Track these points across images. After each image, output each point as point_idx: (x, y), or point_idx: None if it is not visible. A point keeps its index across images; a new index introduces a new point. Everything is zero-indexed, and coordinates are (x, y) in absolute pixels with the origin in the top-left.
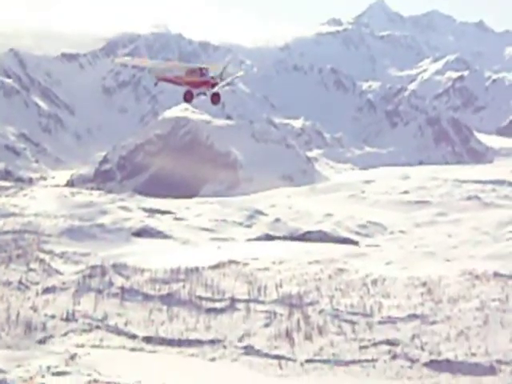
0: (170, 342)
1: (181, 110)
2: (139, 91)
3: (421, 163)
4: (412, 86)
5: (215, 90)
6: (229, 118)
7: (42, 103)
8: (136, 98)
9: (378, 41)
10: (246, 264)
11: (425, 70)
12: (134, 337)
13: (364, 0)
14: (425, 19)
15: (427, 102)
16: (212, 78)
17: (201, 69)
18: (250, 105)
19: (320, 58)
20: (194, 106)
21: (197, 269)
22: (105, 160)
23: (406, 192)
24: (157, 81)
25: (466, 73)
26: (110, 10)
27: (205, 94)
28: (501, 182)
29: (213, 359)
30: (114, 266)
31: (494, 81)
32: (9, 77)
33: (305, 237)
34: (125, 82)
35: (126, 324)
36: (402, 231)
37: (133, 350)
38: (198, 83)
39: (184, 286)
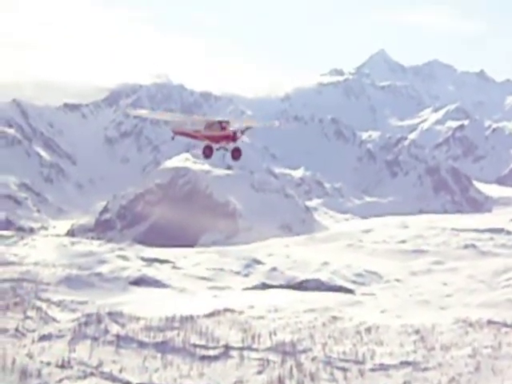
0: None
1: (181, 160)
2: (141, 141)
3: (420, 212)
4: (412, 136)
5: (236, 144)
6: (229, 168)
7: (43, 153)
8: (138, 148)
9: (378, 91)
10: (241, 312)
11: (425, 120)
12: (128, 383)
13: (365, 50)
14: (426, 69)
15: (427, 152)
16: (234, 132)
17: (220, 122)
18: (250, 155)
19: (321, 108)
20: (195, 155)
21: (192, 317)
22: (105, 209)
23: (403, 241)
24: (174, 135)
25: (466, 122)
26: (112, 61)
27: (225, 148)
28: (498, 231)
29: None
30: (110, 313)
31: (494, 130)
32: (11, 126)
33: (301, 285)
34: (127, 133)
35: (120, 371)
36: (397, 280)
37: None
38: (217, 137)
39: (178, 334)
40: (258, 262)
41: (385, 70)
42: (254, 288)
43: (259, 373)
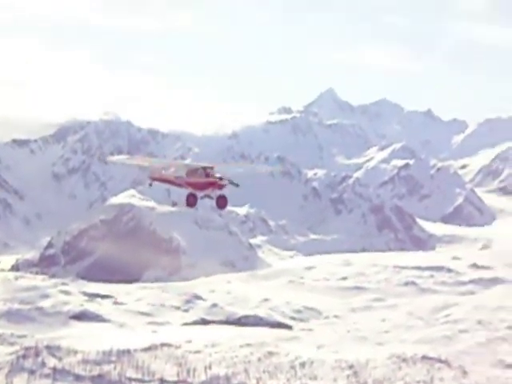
0: None
1: (127, 196)
2: (88, 177)
3: (363, 250)
4: (357, 174)
5: (222, 192)
6: (174, 204)
7: None
8: (85, 184)
9: (326, 129)
10: (177, 347)
11: (371, 159)
12: None
13: (315, 89)
14: (373, 108)
15: (371, 190)
16: (220, 178)
17: (205, 168)
18: None
19: (268, 146)
20: (141, 192)
21: (129, 351)
22: (49, 245)
23: (344, 278)
24: (151, 181)
25: (411, 161)
26: (60, 98)
27: (210, 196)
28: (439, 268)
29: None
30: (48, 347)
31: (439, 169)
32: None
33: (240, 321)
34: (74, 169)
35: None
36: (336, 316)
37: None
38: (202, 185)
39: (115, 368)
40: (199, 298)
41: (333, 108)
42: (194, 323)
43: None
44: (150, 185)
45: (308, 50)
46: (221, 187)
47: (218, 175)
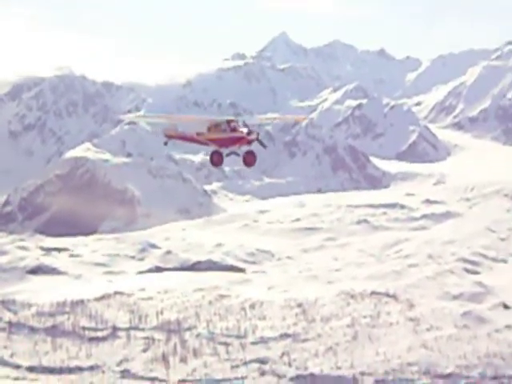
0: (51, 371)
1: (83, 150)
2: (45, 134)
3: (319, 191)
4: (311, 116)
5: (250, 147)
6: (129, 155)
7: None
8: (42, 140)
9: (279, 73)
10: (130, 295)
11: (325, 100)
12: (18, 367)
13: (268, 34)
14: (327, 50)
15: (324, 131)
16: (248, 133)
17: (229, 121)
18: (150, 142)
19: (222, 93)
20: (96, 145)
21: (82, 301)
22: (6, 202)
23: (297, 220)
24: (167, 139)
25: (364, 101)
26: (13, 56)
27: (236, 153)
28: (392, 206)
29: None
30: (3, 302)
31: (393, 107)
32: None
33: (194, 267)
34: (30, 125)
35: (11, 356)
36: (289, 257)
37: (16, 379)
38: (227, 141)
39: (69, 318)
40: (154, 246)
41: (286, 52)
42: (148, 271)
43: (144, 351)
44: (166, 143)
45: None
46: (249, 142)
47: (245, 129)
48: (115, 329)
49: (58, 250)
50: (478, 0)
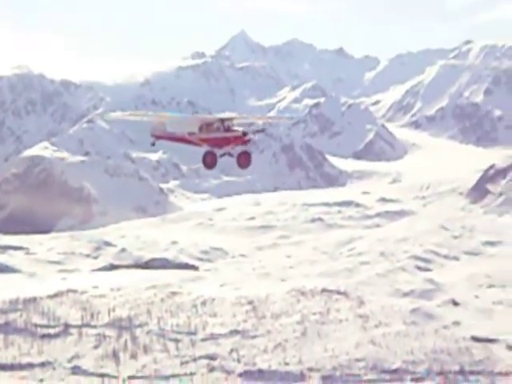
0: (2, 367)
1: (40, 149)
2: (3, 132)
3: (275, 189)
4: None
5: (246, 148)
6: (87, 154)
7: None
8: (0, 139)
9: (237, 72)
10: (83, 292)
11: (283, 99)
12: None
13: (227, 33)
14: (285, 48)
15: (281, 130)
16: (244, 133)
17: (223, 120)
18: (107, 140)
19: (180, 92)
20: (54, 144)
21: (35, 298)
22: None
23: (252, 218)
24: (154, 139)
25: (322, 99)
26: None
27: (231, 154)
28: (347, 204)
29: (41, 380)
30: None
31: (350, 106)
32: None
33: (148, 265)
34: None
35: None
36: (242, 255)
37: None
38: (221, 141)
39: (21, 315)
40: (108, 244)
41: (245, 51)
42: (102, 269)
43: (96, 347)
44: (153, 144)
45: None
46: (245, 143)
47: (239, 128)
48: (67, 326)
49: (14, 248)
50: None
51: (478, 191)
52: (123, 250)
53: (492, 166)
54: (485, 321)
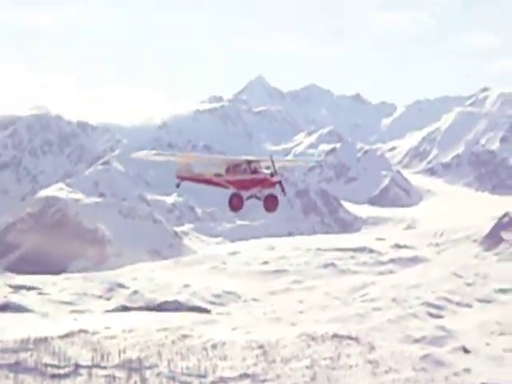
0: None
1: (55, 190)
2: (20, 172)
3: (289, 234)
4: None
5: (272, 191)
6: (102, 195)
7: None
8: (17, 178)
9: (254, 116)
10: (94, 333)
11: (299, 144)
12: None
13: (245, 77)
14: (303, 93)
15: (296, 175)
16: (271, 174)
17: (250, 162)
18: (123, 183)
19: (197, 135)
20: (69, 184)
21: (46, 338)
22: None
23: (266, 262)
24: (179, 181)
25: (338, 145)
26: None
27: (257, 197)
28: (361, 250)
29: None
30: None
31: (366, 152)
32: None
33: (160, 307)
34: (6, 163)
35: None
36: (255, 299)
37: None
38: (247, 183)
39: (32, 355)
40: (122, 286)
41: (263, 95)
42: (114, 311)
43: None
44: (178, 186)
45: (231, 38)
46: (272, 185)
47: (267, 171)
48: (77, 366)
49: (27, 288)
50: (454, 47)
51: (492, 239)
52: (136, 292)
53: (506, 214)
54: (495, 368)
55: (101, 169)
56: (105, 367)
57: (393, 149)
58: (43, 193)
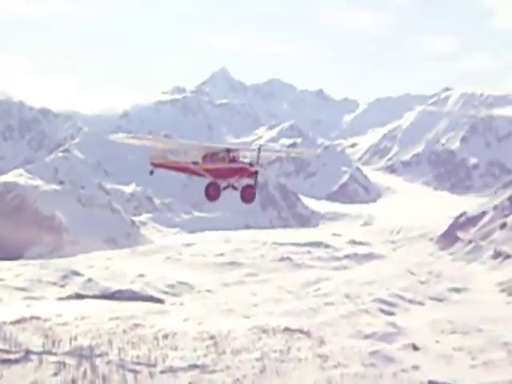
0: None
1: (15, 176)
2: None
3: (246, 227)
4: None
5: (251, 181)
6: (61, 183)
7: None
8: None
9: (216, 108)
10: (46, 320)
11: (260, 138)
12: None
13: (208, 69)
14: (266, 87)
15: None
16: (250, 164)
17: (229, 151)
18: (82, 170)
19: (158, 125)
20: (29, 171)
21: None
22: None
23: (221, 254)
24: (153, 168)
25: (298, 140)
26: None
27: (234, 187)
28: (317, 245)
29: None
30: None
31: (326, 147)
32: None
33: (114, 296)
34: None
35: None
36: (208, 290)
37: None
38: (226, 172)
39: None
40: (76, 274)
41: (226, 88)
42: (68, 298)
43: (55, 375)
44: (151, 173)
45: (196, 30)
46: (250, 175)
47: (246, 160)
48: (28, 352)
49: None
50: (417, 47)
51: (448, 238)
52: (90, 279)
53: (463, 214)
54: (444, 366)
55: (61, 156)
56: (55, 354)
57: (353, 145)
58: (2, 178)
